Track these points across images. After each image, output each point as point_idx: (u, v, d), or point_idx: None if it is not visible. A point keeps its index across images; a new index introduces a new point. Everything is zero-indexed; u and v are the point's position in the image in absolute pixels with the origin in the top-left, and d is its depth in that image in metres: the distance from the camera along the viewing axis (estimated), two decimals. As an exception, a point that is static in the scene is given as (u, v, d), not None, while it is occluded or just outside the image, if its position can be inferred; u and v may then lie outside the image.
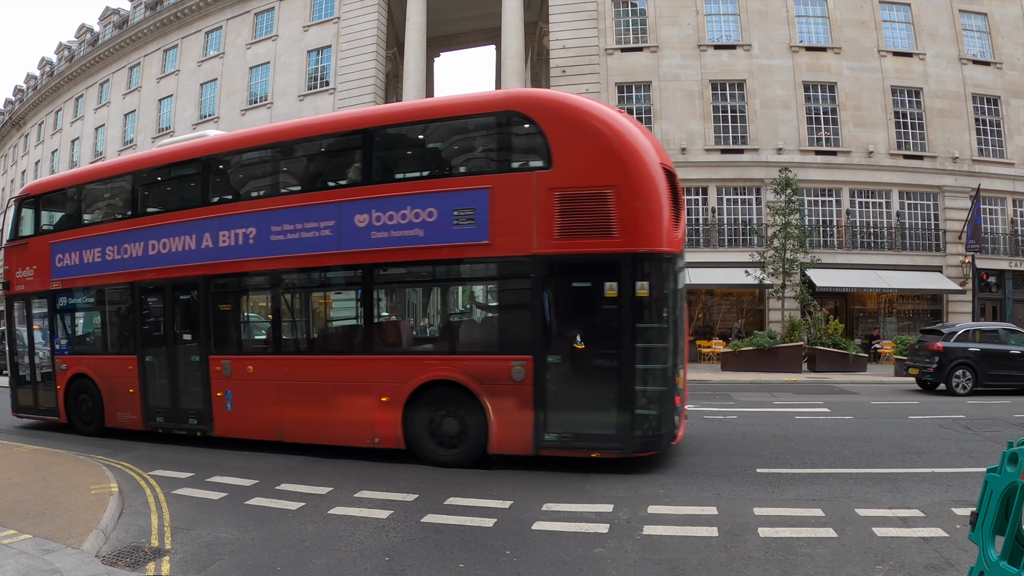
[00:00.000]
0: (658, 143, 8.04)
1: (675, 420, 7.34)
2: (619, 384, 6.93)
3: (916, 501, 6.03)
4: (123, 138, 37.83)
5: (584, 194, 6.94)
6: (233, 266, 8.70)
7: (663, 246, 6.99)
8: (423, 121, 8.37)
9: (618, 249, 6.82)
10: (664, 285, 7.01)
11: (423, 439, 7.69)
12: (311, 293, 9.00)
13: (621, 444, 7.00)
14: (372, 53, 28.73)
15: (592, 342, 7.11)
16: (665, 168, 7.30)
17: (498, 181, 7.31)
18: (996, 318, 25.56)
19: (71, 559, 4.61)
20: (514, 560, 4.80)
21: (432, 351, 8.30)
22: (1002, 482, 2.90)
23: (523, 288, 7.25)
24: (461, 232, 7.31)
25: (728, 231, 24.99)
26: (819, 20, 25.68)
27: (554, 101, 7.68)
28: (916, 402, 13.07)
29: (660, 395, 7.06)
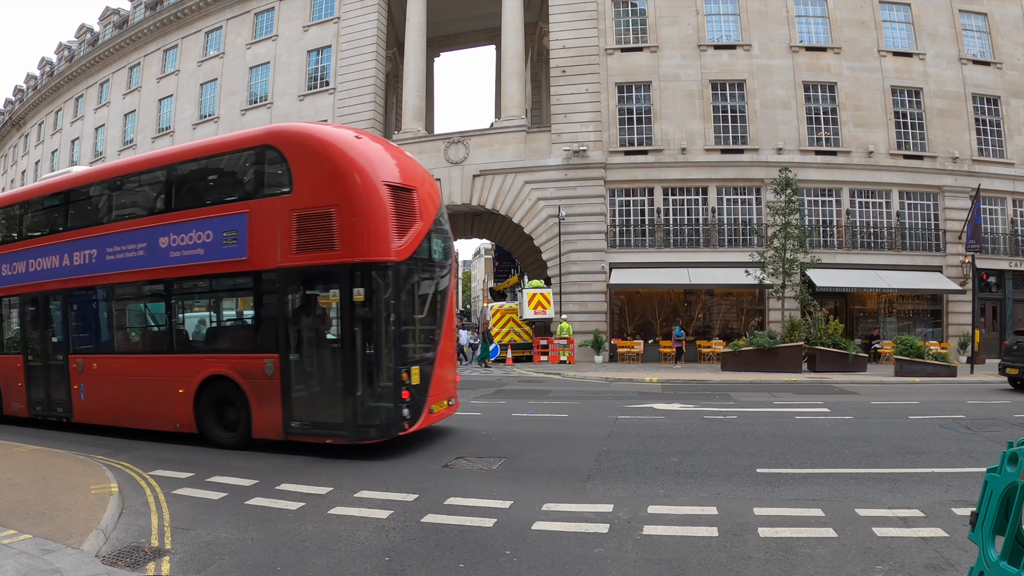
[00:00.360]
0: (404, 161, 9.11)
1: (404, 412, 8.10)
2: (344, 380, 7.97)
3: (916, 501, 6.03)
4: (123, 138, 37.85)
5: (314, 213, 8.05)
6: (83, 281, 10.39)
7: (380, 256, 7.87)
8: (203, 157, 9.63)
9: (339, 260, 7.88)
10: (384, 291, 7.91)
11: (210, 424, 9.03)
12: (134, 303, 10.47)
13: (348, 432, 8.02)
14: (372, 53, 28.74)
15: (322, 343, 8.33)
16: (394, 185, 8.21)
17: (255, 206, 8.54)
18: (996, 318, 25.59)
19: (71, 559, 4.61)
20: (514, 560, 4.80)
21: (212, 351, 9.47)
22: (1002, 482, 2.90)
23: (271, 296, 8.53)
24: (228, 250, 8.67)
25: (728, 231, 25.00)
26: (819, 20, 25.68)
27: (296, 133, 8.87)
28: (916, 402, 13.07)
29: (382, 390, 7.93)
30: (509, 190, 25.87)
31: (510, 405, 13.33)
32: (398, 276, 8.08)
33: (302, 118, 30.05)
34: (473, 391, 15.90)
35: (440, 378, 8.90)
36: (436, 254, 9.07)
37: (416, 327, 8.62)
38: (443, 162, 26.87)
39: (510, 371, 21.93)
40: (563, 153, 25.30)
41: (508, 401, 14.02)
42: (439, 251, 9.13)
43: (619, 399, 14.07)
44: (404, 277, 8.23)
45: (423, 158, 26.97)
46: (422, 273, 8.74)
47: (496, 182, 26.07)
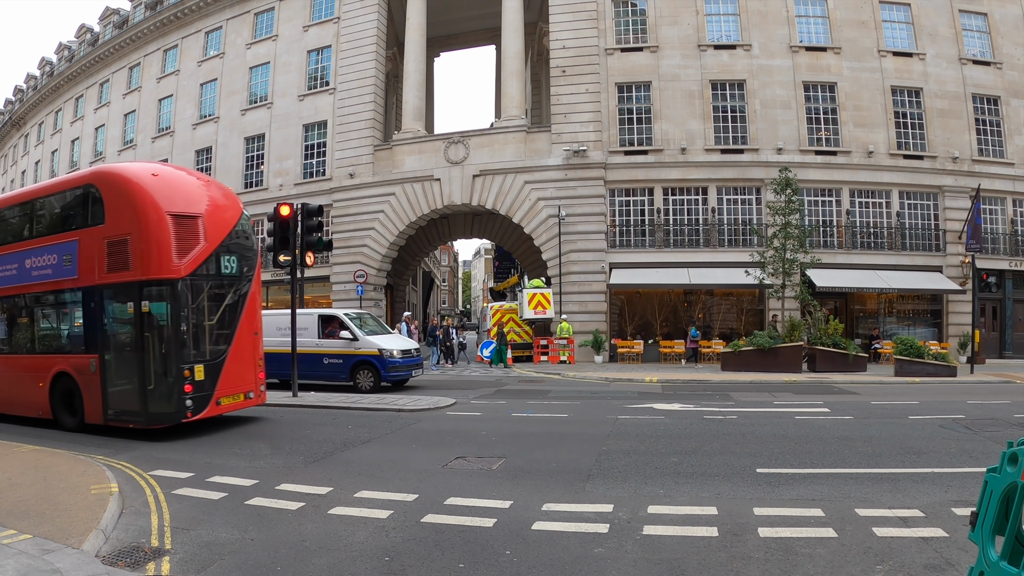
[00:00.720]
0: (195, 192, 10.65)
1: (187, 403, 9.70)
2: (140, 376, 9.69)
3: (916, 501, 6.03)
4: (123, 138, 37.86)
5: (118, 240, 9.83)
6: None
7: (162, 274, 9.55)
8: (52, 194, 11.55)
9: (133, 278, 9.66)
10: (167, 302, 9.62)
11: (60, 412, 10.79)
12: (10, 313, 12.02)
13: (144, 419, 9.75)
14: (372, 53, 28.74)
15: (125, 346, 10.03)
16: (178, 214, 9.82)
17: (83, 235, 10.32)
18: (996, 318, 25.59)
19: (71, 559, 4.61)
20: (514, 560, 4.80)
21: (60, 351, 11.18)
22: (1002, 482, 2.90)
23: (93, 307, 10.27)
24: (66, 270, 10.52)
25: (728, 231, 25.00)
26: (819, 20, 25.68)
27: (109, 173, 10.61)
28: (916, 402, 13.07)
29: (167, 385, 9.61)
30: (509, 190, 25.88)
31: (510, 405, 13.33)
32: (179, 290, 9.69)
33: (302, 118, 30.11)
34: (473, 391, 15.92)
35: (233, 374, 10.45)
36: (226, 269, 10.52)
37: (204, 331, 10.28)
38: (443, 162, 26.87)
39: (510, 371, 21.94)
40: (563, 153, 25.30)
41: (508, 401, 14.03)
42: (230, 267, 10.57)
43: (619, 399, 14.07)
44: (187, 290, 9.83)
45: (423, 158, 27.29)
46: (210, 286, 10.32)
47: (496, 182, 26.08)
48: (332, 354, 16.11)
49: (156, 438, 9.68)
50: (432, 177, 26.92)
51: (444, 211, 28.16)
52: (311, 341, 16.12)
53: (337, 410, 12.73)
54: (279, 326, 16.38)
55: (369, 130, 28.48)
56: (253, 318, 11.06)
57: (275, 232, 13.72)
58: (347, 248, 27.91)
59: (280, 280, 27.70)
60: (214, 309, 10.38)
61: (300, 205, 14.23)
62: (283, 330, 16.11)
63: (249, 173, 31.60)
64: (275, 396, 14.47)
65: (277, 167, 30.65)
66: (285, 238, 13.73)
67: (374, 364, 15.70)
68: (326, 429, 10.57)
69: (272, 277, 29.52)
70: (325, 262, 28.34)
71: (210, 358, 10.12)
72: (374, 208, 27.79)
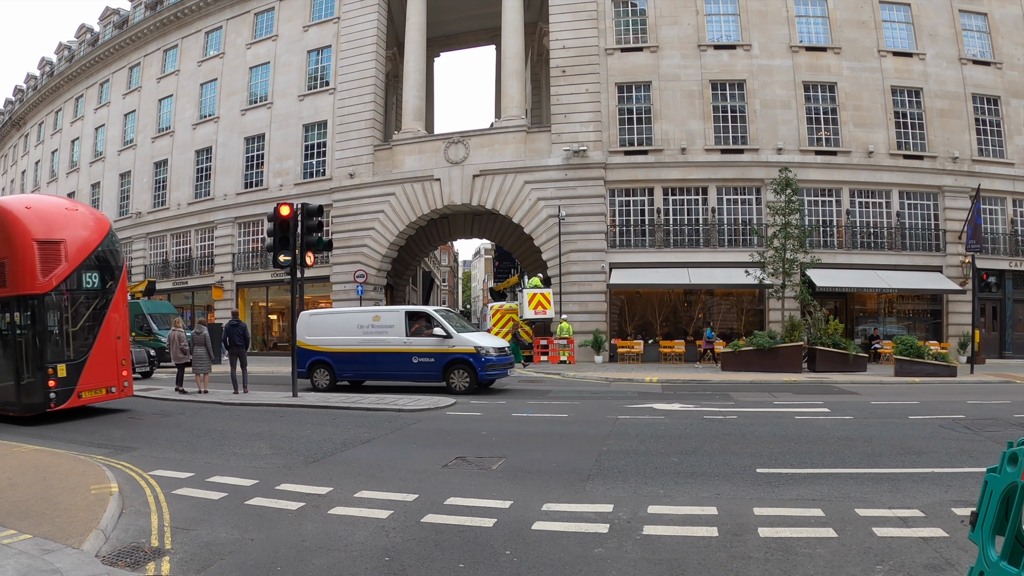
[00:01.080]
0: (61, 220, 12.15)
1: (51, 395, 11.36)
2: (15, 372, 11.55)
3: (916, 501, 6.03)
4: (123, 138, 37.87)
5: (1, 262, 11.64)
6: None
7: (28, 290, 11.39)
8: None
9: (9, 293, 11.56)
10: (33, 313, 11.43)
11: None
12: None
13: (18, 408, 11.58)
14: (372, 53, 28.75)
15: (6, 347, 11.78)
16: (43, 240, 11.51)
17: None
18: (996, 318, 25.60)
19: (71, 559, 4.61)
20: (514, 560, 4.80)
21: None
22: (1002, 482, 2.90)
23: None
24: None
25: (728, 231, 25.00)
26: (819, 20, 25.69)
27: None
28: (916, 402, 13.07)
29: (35, 380, 11.38)
30: (509, 190, 25.88)
31: (510, 405, 13.32)
32: (44, 303, 11.49)
33: (302, 118, 30.13)
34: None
35: (95, 372, 12.10)
36: (87, 284, 12.12)
37: (68, 336, 11.81)
38: (443, 162, 26.88)
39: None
40: (563, 153, 25.30)
41: (508, 401, 14.02)
42: (91, 282, 12.18)
43: (619, 399, 14.07)
44: (51, 303, 11.58)
45: (423, 158, 27.30)
46: (72, 298, 11.90)
47: (496, 182, 26.08)
48: (423, 352, 15.26)
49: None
50: (432, 177, 26.93)
51: (444, 211, 28.17)
52: (398, 339, 15.46)
53: (337, 410, 12.73)
54: (360, 324, 15.91)
55: (369, 130, 28.48)
56: (116, 324, 12.61)
57: (275, 232, 13.72)
58: (347, 248, 27.91)
59: (280, 280, 27.69)
60: (77, 317, 12.05)
61: (300, 205, 14.22)
62: (365, 328, 15.74)
63: (249, 173, 31.61)
64: (274, 397, 14.49)
65: (277, 167, 30.65)
66: (285, 238, 13.73)
67: (470, 363, 14.92)
68: (326, 429, 10.57)
69: (272, 277, 29.56)
70: (325, 262, 28.35)
71: (73, 358, 11.83)
72: (374, 208, 27.80)
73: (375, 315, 16.17)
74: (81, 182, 40.67)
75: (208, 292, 32.53)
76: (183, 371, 16.21)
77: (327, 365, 16.06)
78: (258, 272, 31.17)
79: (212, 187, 32.73)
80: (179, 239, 34.44)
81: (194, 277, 33.58)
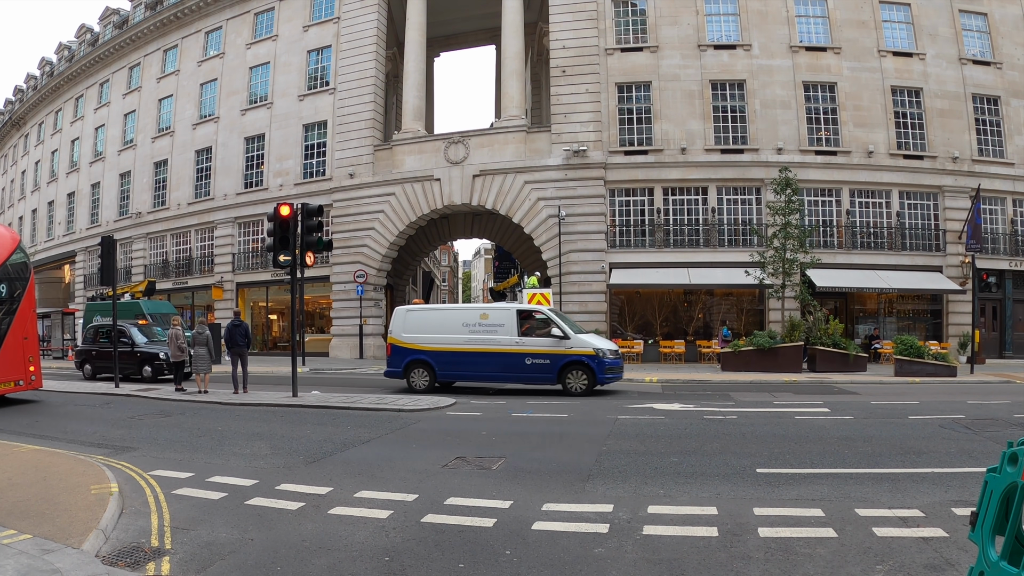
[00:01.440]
0: None
1: None
2: None
3: (916, 501, 6.03)
4: (123, 138, 37.87)
5: None
6: None
7: None
8: None
9: None
10: None
11: None
12: None
13: None
14: (372, 53, 28.74)
15: None
16: None
17: None
18: (996, 318, 25.60)
19: (71, 559, 4.61)
20: (514, 560, 4.80)
21: None
22: (1002, 482, 2.90)
23: None
24: None
25: (728, 231, 25.01)
26: (819, 20, 25.69)
27: None
28: (916, 402, 13.07)
29: None
30: (509, 190, 25.88)
31: (510, 405, 13.32)
32: None
33: (302, 118, 30.14)
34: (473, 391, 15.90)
35: (4, 367, 13.49)
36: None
37: None
38: (443, 162, 26.88)
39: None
40: (563, 153, 25.31)
41: (508, 401, 14.02)
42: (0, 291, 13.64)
43: (619, 399, 14.07)
44: None
45: (423, 158, 27.31)
46: None
47: (496, 182, 26.08)
48: (537, 353, 14.61)
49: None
50: (432, 177, 26.93)
51: (444, 211, 28.17)
52: (509, 339, 14.74)
53: (337, 410, 12.73)
54: (466, 322, 15.21)
55: (369, 130, 28.48)
56: (23, 327, 14.06)
57: (275, 232, 13.71)
58: (347, 248, 27.91)
59: (280, 280, 27.71)
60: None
61: (300, 205, 14.22)
62: (471, 326, 15.03)
63: (249, 173, 31.62)
64: (274, 397, 14.49)
65: (277, 167, 30.66)
66: (285, 238, 13.72)
67: (589, 365, 14.39)
68: (326, 429, 10.57)
69: (272, 277, 29.57)
70: (325, 262, 28.35)
71: None
72: (374, 208, 27.80)
73: (483, 313, 15.36)
74: (81, 182, 40.68)
75: (208, 292, 32.54)
76: (181, 370, 16.21)
77: (427, 365, 15.29)
78: (258, 272, 31.17)
79: (212, 187, 32.73)
80: (179, 239, 34.44)
81: (194, 277, 33.58)
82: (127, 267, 35.53)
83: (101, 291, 33.68)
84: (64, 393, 16.43)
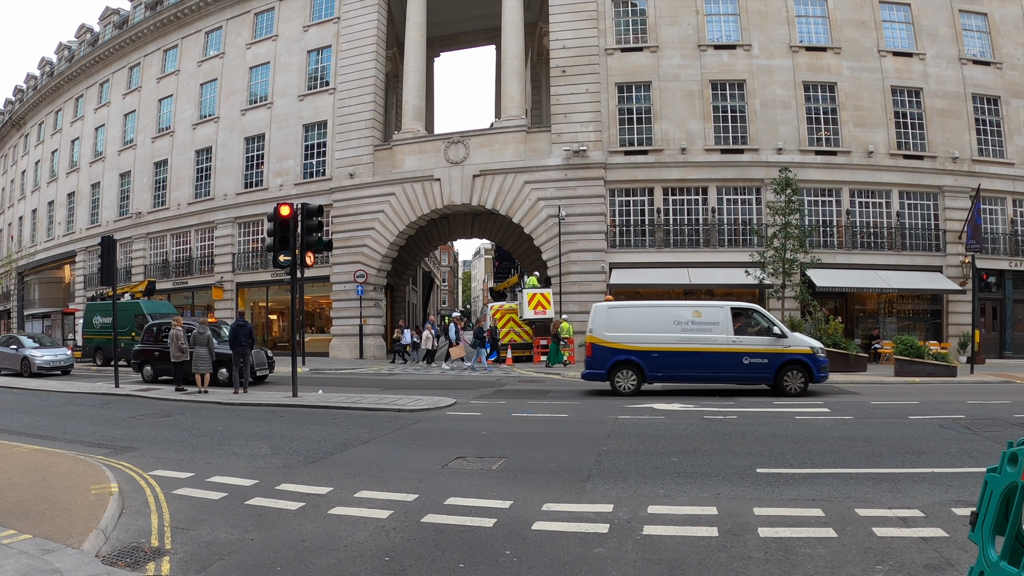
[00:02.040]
0: None
1: None
2: None
3: (916, 501, 6.03)
4: (123, 138, 37.86)
5: None
6: None
7: None
8: None
9: None
10: None
11: None
12: None
13: None
14: (372, 53, 28.74)
15: None
16: None
17: None
18: (996, 318, 25.59)
19: (71, 559, 4.61)
20: (514, 560, 4.80)
21: None
22: (1002, 482, 2.90)
23: None
24: None
25: (728, 231, 25.00)
26: (819, 20, 25.68)
27: None
28: (916, 402, 13.07)
29: None
30: (509, 190, 25.88)
31: (510, 405, 13.33)
32: None
33: (302, 118, 30.12)
34: (473, 391, 15.91)
35: None
36: None
37: None
38: (443, 162, 26.88)
39: (510, 371, 21.93)
40: (563, 153, 25.30)
41: (508, 401, 14.03)
42: None
43: (619, 399, 14.06)
44: None
45: (423, 158, 27.32)
46: None
47: (496, 182, 26.08)
48: (755, 352, 14.13)
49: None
50: (432, 177, 26.93)
51: (444, 211, 28.17)
52: (725, 338, 14.17)
53: (337, 410, 12.73)
54: (677, 320, 14.42)
55: (369, 130, 28.48)
56: None
57: (275, 232, 13.72)
58: (347, 248, 27.91)
59: (280, 280, 27.70)
60: None
61: (300, 205, 14.23)
62: (683, 324, 14.29)
63: (249, 173, 31.61)
64: (274, 397, 14.47)
65: (277, 167, 30.65)
66: (285, 238, 13.73)
67: (806, 364, 14.03)
68: (326, 429, 10.57)
69: (272, 277, 29.56)
70: (325, 262, 28.35)
71: None
72: (374, 208, 27.79)
73: (695, 310, 14.63)
74: (81, 182, 40.67)
75: (208, 292, 32.53)
76: (181, 370, 16.20)
77: (635, 366, 14.54)
78: (258, 272, 31.17)
79: (212, 187, 32.72)
80: (179, 239, 34.43)
81: (194, 277, 33.57)
82: (127, 267, 35.53)
83: (101, 291, 33.66)
84: (64, 393, 16.43)
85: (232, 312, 29.68)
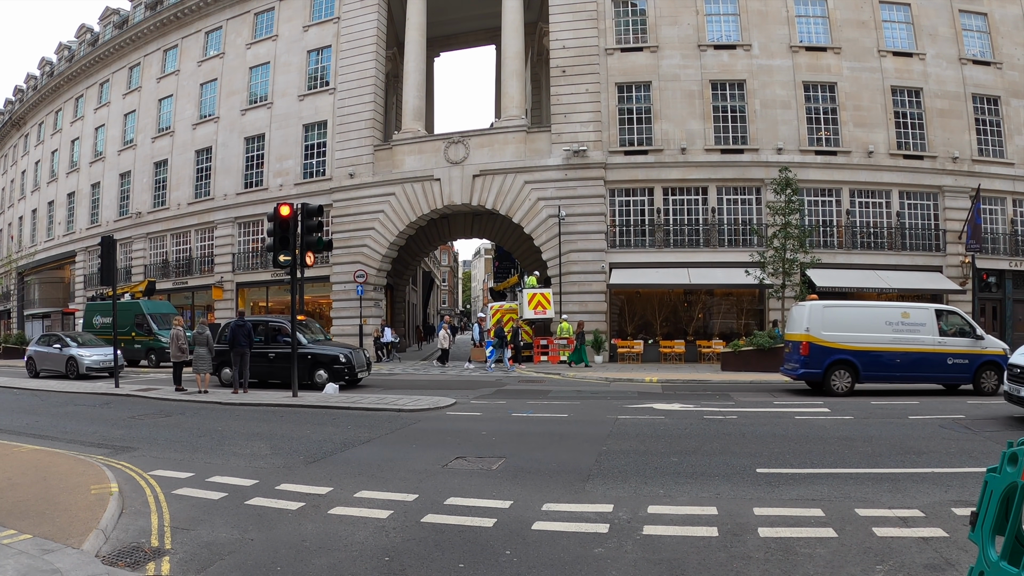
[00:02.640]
0: None
1: None
2: None
3: (916, 501, 6.03)
4: (123, 138, 37.86)
5: None
6: None
7: None
8: None
9: None
10: None
11: None
12: None
13: None
14: (372, 53, 28.74)
15: None
16: None
17: None
18: (996, 318, 25.59)
19: (71, 559, 4.61)
20: (514, 560, 4.80)
21: None
22: (1002, 482, 2.90)
23: None
24: None
25: (728, 231, 25.00)
26: (819, 20, 25.69)
27: None
28: (916, 402, 13.08)
29: None
30: (509, 190, 25.88)
31: (510, 405, 13.33)
32: None
33: (302, 118, 30.13)
34: (473, 391, 15.91)
35: None
36: None
37: None
38: (443, 162, 26.88)
39: (510, 371, 21.93)
40: (563, 153, 25.30)
41: (508, 401, 14.03)
42: None
43: (619, 399, 14.07)
44: None
45: (423, 158, 27.33)
46: None
47: (496, 182, 26.08)
48: (958, 353, 14.59)
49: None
50: (432, 177, 26.93)
51: (444, 211, 28.17)
52: (932, 339, 14.58)
53: (337, 410, 12.73)
54: (888, 320, 14.69)
55: (369, 130, 28.48)
56: None
57: (275, 232, 13.72)
58: (347, 248, 27.91)
59: (280, 280, 27.70)
60: None
61: (300, 205, 14.23)
62: (894, 325, 14.56)
63: (249, 173, 31.61)
64: (274, 397, 14.47)
65: (277, 167, 30.65)
66: (285, 238, 13.73)
67: (1000, 365, 14.29)
68: (326, 429, 10.57)
69: (272, 277, 29.57)
70: (325, 262, 28.35)
71: None
72: (374, 208, 27.79)
73: (903, 311, 15.00)
74: (81, 182, 40.67)
75: (208, 292, 32.53)
76: (181, 370, 16.21)
77: (850, 366, 14.62)
78: (258, 272, 31.17)
79: (212, 187, 32.72)
80: (179, 239, 34.43)
81: (194, 277, 33.57)
82: (127, 267, 35.53)
83: (101, 291, 33.68)
84: (64, 393, 16.44)
85: (232, 312, 29.66)
